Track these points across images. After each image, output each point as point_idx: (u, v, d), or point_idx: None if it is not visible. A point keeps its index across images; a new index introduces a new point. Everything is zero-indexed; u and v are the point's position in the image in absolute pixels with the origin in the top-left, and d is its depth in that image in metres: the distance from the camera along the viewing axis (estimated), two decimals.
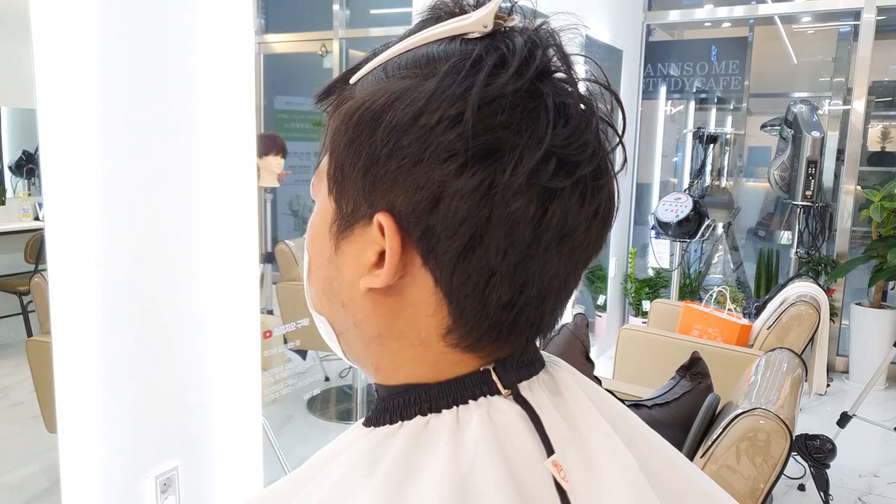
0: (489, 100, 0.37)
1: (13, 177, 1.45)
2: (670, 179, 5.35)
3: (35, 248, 1.45)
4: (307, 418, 2.97)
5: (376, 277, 0.41)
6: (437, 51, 0.40)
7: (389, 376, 0.45)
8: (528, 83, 0.38)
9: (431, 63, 0.40)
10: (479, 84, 0.37)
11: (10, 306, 1.51)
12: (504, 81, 0.38)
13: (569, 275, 0.42)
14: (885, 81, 4.49)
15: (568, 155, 0.39)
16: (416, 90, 0.39)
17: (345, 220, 0.43)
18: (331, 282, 0.45)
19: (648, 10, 4.64)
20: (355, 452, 0.43)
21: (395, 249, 0.40)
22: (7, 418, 1.46)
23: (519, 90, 0.38)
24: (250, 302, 1.62)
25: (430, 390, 0.43)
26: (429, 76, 0.39)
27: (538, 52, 0.39)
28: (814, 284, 2.87)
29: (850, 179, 4.16)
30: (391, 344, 0.44)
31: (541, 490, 0.39)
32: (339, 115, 0.42)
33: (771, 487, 1.32)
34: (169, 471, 1.46)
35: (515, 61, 0.38)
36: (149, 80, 1.34)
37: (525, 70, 0.38)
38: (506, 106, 0.38)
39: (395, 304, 0.42)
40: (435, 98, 0.38)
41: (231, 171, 1.52)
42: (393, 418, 0.43)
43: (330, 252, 0.44)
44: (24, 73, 1.17)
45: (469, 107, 0.37)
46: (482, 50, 0.39)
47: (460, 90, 0.38)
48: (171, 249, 1.42)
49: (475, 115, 0.37)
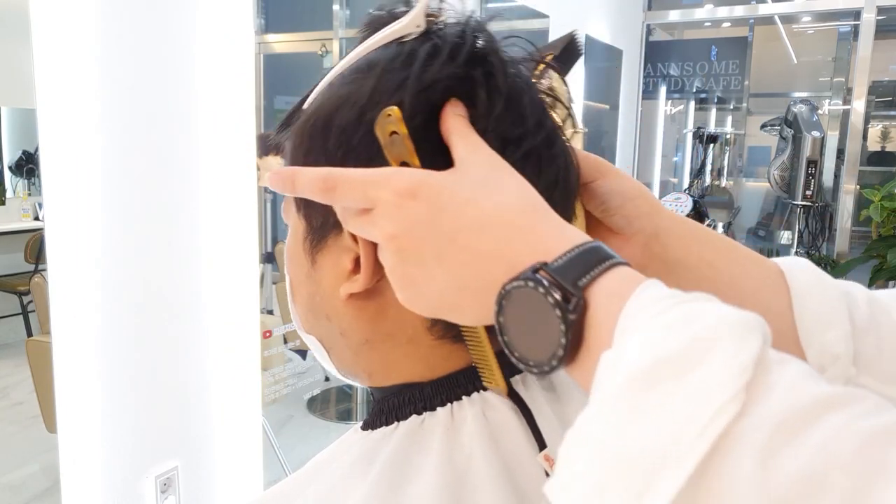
0: (425, 86, 0.39)
1: (13, 177, 1.45)
2: (670, 179, 5.35)
3: (35, 248, 1.45)
4: (307, 418, 2.97)
5: (355, 282, 0.42)
6: (376, 55, 0.42)
7: (383, 379, 0.46)
8: (462, 67, 0.40)
9: (371, 66, 0.41)
10: (415, 72, 0.39)
11: (10, 306, 1.51)
12: (437, 68, 0.39)
13: None
14: (885, 81, 4.49)
15: (509, 130, 0.40)
16: (358, 91, 0.40)
17: (316, 233, 0.44)
18: (312, 297, 0.46)
19: (648, 10, 4.64)
20: (353, 454, 0.44)
21: (368, 250, 0.40)
22: (7, 418, 1.46)
23: (453, 75, 0.39)
24: (250, 302, 1.62)
25: (423, 389, 0.43)
26: (370, 77, 0.40)
27: (468, 38, 0.41)
28: None
29: (850, 179, 4.16)
30: (380, 347, 0.44)
31: (535, 485, 0.39)
32: (294, 132, 0.44)
33: None
34: (169, 471, 1.46)
35: (447, 49, 0.40)
36: (149, 80, 1.34)
37: (457, 55, 0.40)
38: (442, 91, 0.39)
39: (378, 306, 0.43)
40: (376, 93, 0.39)
41: (231, 171, 1.52)
42: (389, 419, 0.44)
43: (308, 268, 0.45)
44: (24, 73, 1.17)
45: (407, 94, 0.38)
46: (415, 45, 0.41)
47: (398, 81, 0.39)
48: (170, 249, 1.42)
49: (415, 100, 0.38)
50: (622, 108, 4.41)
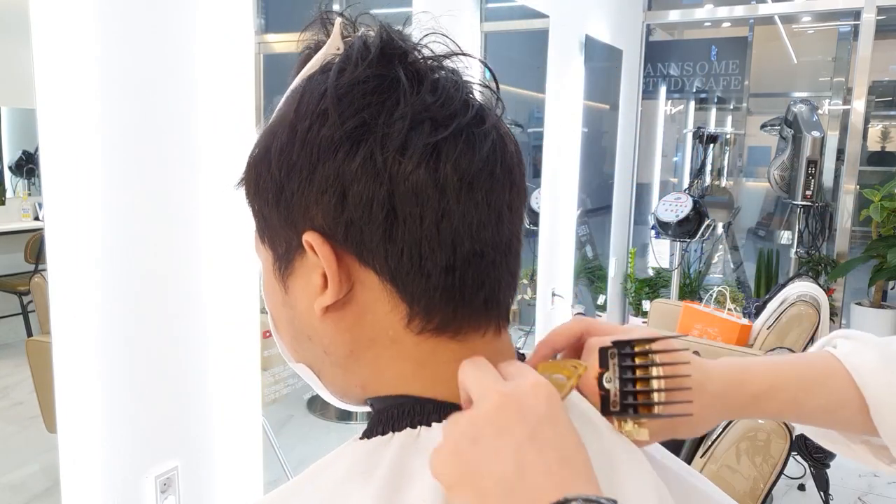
0: (345, 90, 0.41)
1: (13, 177, 1.45)
2: (670, 179, 5.35)
3: (35, 248, 1.45)
4: (307, 418, 2.97)
5: (327, 295, 0.43)
6: (301, 83, 0.45)
7: (377, 387, 0.46)
8: (378, 68, 0.42)
9: (297, 92, 0.44)
10: (332, 79, 0.42)
11: (10, 306, 1.51)
12: (351, 71, 0.42)
13: (497, 225, 0.44)
14: (885, 81, 4.49)
15: (436, 112, 0.41)
16: (288, 113, 0.43)
17: (283, 259, 0.45)
18: (292, 322, 0.47)
19: (648, 10, 4.64)
20: (349, 461, 0.44)
21: (329, 258, 0.42)
22: (7, 418, 1.46)
23: (370, 76, 0.42)
24: (250, 302, 1.62)
25: (425, 405, 0.44)
26: (296, 99, 0.44)
27: (377, 41, 0.43)
28: (814, 284, 2.87)
29: (850, 179, 4.16)
30: (365, 355, 0.45)
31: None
32: (245, 170, 0.47)
33: (771, 487, 1.32)
34: (169, 471, 1.46)
35: (358, 55, 0.43)
36: (149, 80, 1.34)
37: (368, 57, 0.42)
38: (363, 91, 0.41)
39: (354, 315, 0.44)
40: (301, 108, 0.42)
41: (231, 171, 1.52)
42: (385, 430, 0.44)
43: (282, 296, 0.47)
44: (24, 73, 1.17)
45: (328, 97, 0.41)
46: (333, 60, 0.44)
47: (320, 91, 0.42)
48: (171, 249, 1.42)
49: (338, 105, 0.41)
50: (622, 108, 4.41)
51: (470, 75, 0.46)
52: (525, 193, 0.47)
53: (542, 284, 3.41)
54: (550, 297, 3.49)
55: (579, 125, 3.64)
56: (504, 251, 0.45)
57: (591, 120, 3.99)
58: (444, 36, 0.45)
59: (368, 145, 0.40)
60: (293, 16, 4.09)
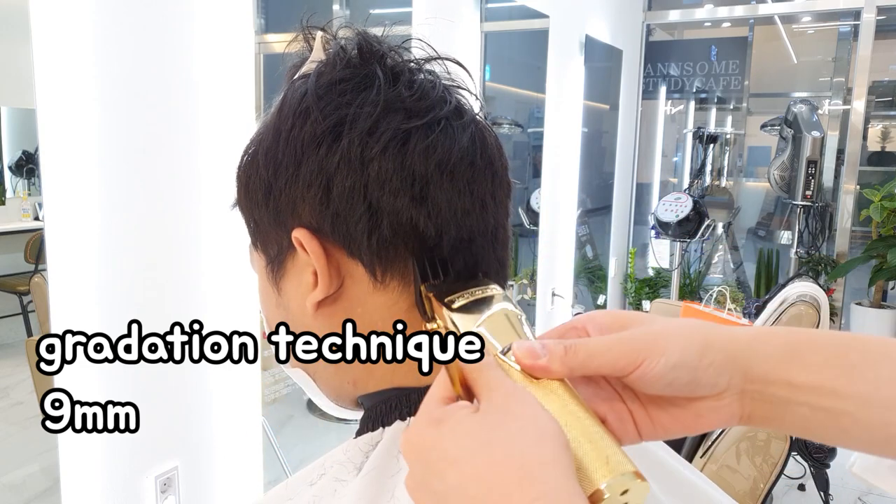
0: (325, 90, 0.43)
1: (13, 177, 1.45)
2: (670, 179, 5.34)
3: (35, 248, 1.45)
4: (307, 418, 2.96)
5: (317, 290, 0.44)
6: (285, 89, 0.47)
7: (368, 383, 0.47)
8: (357, 68, 0.44)
9: (280, 97, 0.46)
10: (312, 81, 0.44)
11: (10, 306, 1.51)
12: (330, 73, 0.44)
13: (481, 213, 0.44)
14: (885, 81, 4.49)
15: (413, 105, 0.43)
16: (272, 118, 0.45)
17: (275, 261, 0.47)
18: (285, 323, 0.48)
19: (648, 10, 4.64)
20: (340, 458, 0.45)
21: (318, 252, 0.43)
22: (7, 418, 1.46)
23: (348, 76, 0.43)
24: (250, 302, 1.62)
25: (410, 395, 0.44)
26: (279, 105, 0.46)
27: (354, 45, 0.45)
28: (814, 284, 2.87)
29: (850, 179, 4.16)
30: None
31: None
32: (235, 178, 0.49)
33: (771, 487, 1.32)
34: (169, 471, 1.46)
35: (333, 58, 0.44)
36: (149, 80, 1.34)
37: (345, 59, 0.44)
38: (342, 90, 0.43)
39: (345, 308, 0.45)
40: (284, 110, 0.44)
41: (231, 171, 1.52)
42: (375, 425, 0.45)
43: (276, 298, 0.48)
44: (24, 73, 1.17)
45: (309, 96, 0.43)
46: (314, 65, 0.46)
47: (301, 93, 0.44)
48: (170, 249, 1.42)
49: (318, 102, 0.42)
50: (622, 108, 4.41)
51: (451, 79, 0.47)
52: (509, 186, 0.47)
53: (542, 284, 3.41)
54: (550, 297, 3.49)
55: (579, 125, 3.64)
56: (490, 239, 0.45)
57: (591, 120, 3.99)
58: (421, 41, 0.47)
59: (347, 138, 0.42)
60: (293, 16, 4.10)
